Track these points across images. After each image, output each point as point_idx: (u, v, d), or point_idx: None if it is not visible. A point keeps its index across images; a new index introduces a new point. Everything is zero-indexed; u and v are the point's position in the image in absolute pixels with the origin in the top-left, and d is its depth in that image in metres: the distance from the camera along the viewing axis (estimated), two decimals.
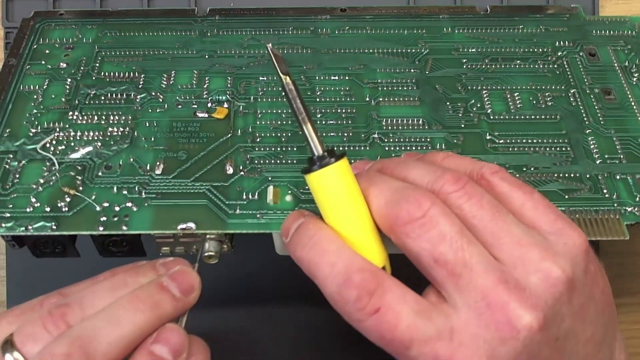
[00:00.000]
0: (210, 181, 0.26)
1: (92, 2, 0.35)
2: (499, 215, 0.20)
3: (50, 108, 0.28)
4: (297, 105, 0.22)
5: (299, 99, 0.22)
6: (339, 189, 0.21)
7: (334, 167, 0.21)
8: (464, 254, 0.19)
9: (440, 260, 0.19)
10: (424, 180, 0.21)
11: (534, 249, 0.19)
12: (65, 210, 0.25)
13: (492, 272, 0.19)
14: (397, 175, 0.22)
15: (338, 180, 0.21)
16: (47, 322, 0.19)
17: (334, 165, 0.21)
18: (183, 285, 0.21)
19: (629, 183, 0.26)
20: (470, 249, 0.19)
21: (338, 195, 0.21)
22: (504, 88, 0.30)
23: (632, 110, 0.29)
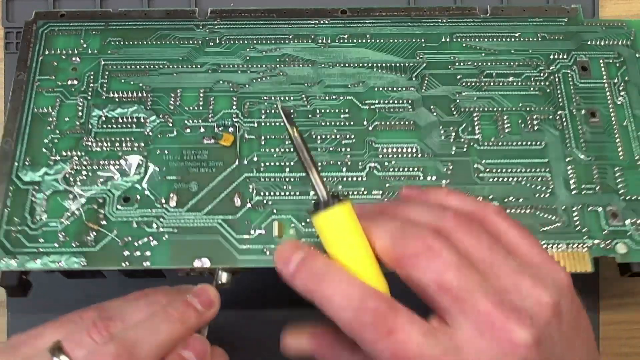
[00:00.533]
0: (221, 214, 0.28)
1: (92, 1, 0.35)
2: (495, 249, 0.23)
3: (66, 133, 0.30)
4: (304, 156, 0.24)
5: (305, 149, 0.24)
6: (345, 228, 0.23)
7: (339, 209, 0.23)
8: (467, 281, 0.21)
9: (445, 287, 0.21)
10: (425, 218, 0.23)
11: (527, 278, 0.22)
12: (91, 245, 0.28)
13: (492, 297, 0.21)
14: (399, 215, 0.24)
15: (343, 220, 0.23)
16: (93, 331, 0.23)
17: (339, 207, 0.23)
18: (204, 300, 0.25)
19: (599, 216, 0.29)
20: (472, 277, 0.22)
21: (343, 233, 0.23)
22: (495, 110, 0.31)
23: (613, 135, 0.31)
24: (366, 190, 0.29)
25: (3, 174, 0.29)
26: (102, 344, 0.23)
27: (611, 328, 0.33)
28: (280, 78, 0.32)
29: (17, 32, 0.34)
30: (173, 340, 0.24)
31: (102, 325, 0.23)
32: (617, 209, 0.29)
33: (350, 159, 0.30)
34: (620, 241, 0.28)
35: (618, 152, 0.30)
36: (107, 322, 0.23)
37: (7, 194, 0.28)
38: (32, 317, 0.29)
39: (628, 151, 0.30)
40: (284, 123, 0.24)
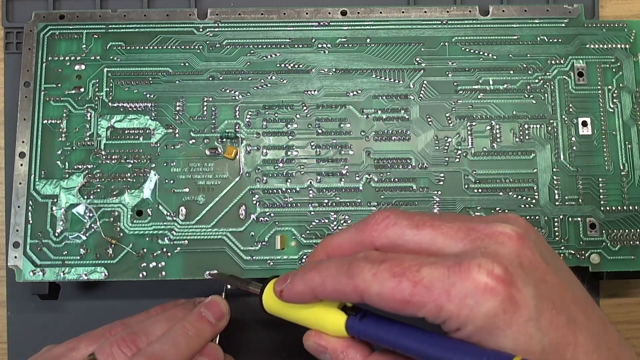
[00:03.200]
0: (227, 227, 0.31)
1: (92, 1, 0.34)
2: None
3: (77, 145, 0.32)
4: (243, 288, 0.28)
5: (240, 283, 0.28)
6: None
7: (267, 288, 0.26)
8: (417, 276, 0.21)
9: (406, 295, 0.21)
10: None
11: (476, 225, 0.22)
12: (111, 257, 0.30)
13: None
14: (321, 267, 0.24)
15: None
16: (122, 345, 0.27)
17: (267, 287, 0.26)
18: (216, 312, 0.28)
19: (579, 227, 0.31)
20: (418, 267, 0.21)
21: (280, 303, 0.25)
22: (489, 117, 0.32)
23: (602, 145, 0.32)
24: (362, 201, 0.31)
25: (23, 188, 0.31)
26: (132, 357, 0.26)
27: None
28: (280, 86, 0.32)
29: (17, 32, 0.34)
30: (192, 351, 0.27)
31: (129, 339, 0.26)
32: (596, 220, 0.31)
33: (348, 169, 0.32)
34: (595, 252, 0.31)
35: (604, 162, 0.32)
36: (133, 337, 0.27)
37: (27, 208, 0.31)
38: (32, 317, 0.33)
39: (614, 161, 0.32)
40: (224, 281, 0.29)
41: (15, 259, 0.30)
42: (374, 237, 0.23)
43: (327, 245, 0.25)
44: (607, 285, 0.34)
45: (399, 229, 0.23)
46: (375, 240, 0.23)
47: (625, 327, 0.34)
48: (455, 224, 0.22)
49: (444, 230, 0.22)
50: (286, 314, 0.25)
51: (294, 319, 0.25)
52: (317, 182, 0.31)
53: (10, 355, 0.33)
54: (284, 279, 0.25)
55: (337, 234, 0.25)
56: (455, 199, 0.31)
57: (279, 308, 0.26)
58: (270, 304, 0.26)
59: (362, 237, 0.23)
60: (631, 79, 0.33)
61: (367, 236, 0.23)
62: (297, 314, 0.25)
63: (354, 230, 0.24)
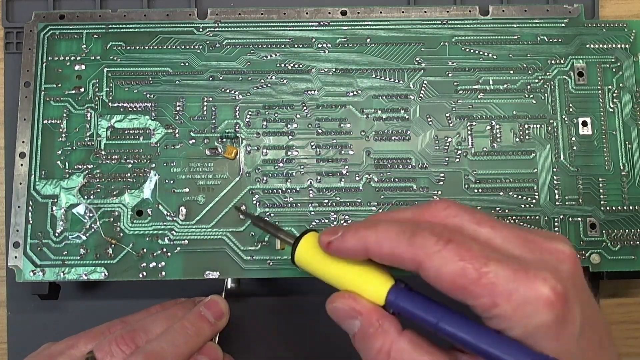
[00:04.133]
0: (227, 227, 0.31)
1: (92, 1, 0.34)
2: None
3: (77, 145, 0.32)
4: (272, 231, 0.27)
5: (270, 226, 0.27)
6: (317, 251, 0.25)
7: (305, 239, 0.25)
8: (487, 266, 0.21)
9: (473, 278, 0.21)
10: None
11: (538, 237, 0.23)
12: (111, 257, 0.30)
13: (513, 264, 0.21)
14: None
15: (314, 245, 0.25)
16: (120, 342, 0.27)
17: (305, 238, 0.25)
18: (216, 312, 0.28)
19: (579, 227, 0.31)
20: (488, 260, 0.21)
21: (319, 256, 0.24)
22: (489, 117, 0.32)
23: (602, 145, 0.32)
24: (362, 201, 0.31)
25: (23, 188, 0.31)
26: (130, 355, 0.26)
27: (611, 328, 0.33)
28: (280, 86, 0.32)
29: (17, 32, 0.34)
30: (191, 350, 0.27)
31: (128, 337, 0.26)
32: (596, 220, 0.31)
33: (348, 169, 0.32)
34: (595, 252, 0.31)
35: (604, 162, 0.32)
36: (132, 335, 0.27)
37: (27, 208, 0.31)
38: (32, 317, 0.33)
39: (615, 161, 0.32)
40: (252, 222, 0.29)
41: (16, 259, 0.30)
42: (432, 224, 0.23)
43: (378, 218, 0.24)
44: (607, 285, 0.34)
45: (459, 221, 0.23)
46: None
47: (625, 327, 0.34)
48: (514, 231, 0.23)
49: (504, 233, 0.22)
50: (320, 269, 0.24)
51: (327, 275, 0.24)
52: (317, 182, 0.31)
53: (10, 355, 0.33)
54: (333, 231, 0.24)
55: (390, 212, 0.24)
56: (456, 199, 0.31)
57: (313, 261, 0.24)
58: (304, 256, 0.25)
59: (419, 221, 0.23)
60: (631, 79, 0.33)
61: (424, 221, 0.23)
62: (334, 270, 0.24)
63: (411, 213, 0.24)
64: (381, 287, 0.23)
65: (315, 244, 0.25)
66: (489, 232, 0.22)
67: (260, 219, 0.28)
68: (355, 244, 0.23)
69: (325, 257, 0.24)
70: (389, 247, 0.22)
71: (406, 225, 0.23)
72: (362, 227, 0.23)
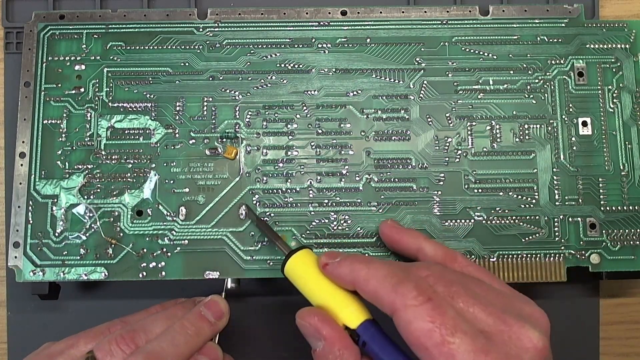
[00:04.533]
0: (227, 226, 0.31)
1: (92, 1, 0.34)
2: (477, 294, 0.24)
3: (77, 145, 0.32)
4: (269, 234, 0.29)
5: (268, 229, 0.29)
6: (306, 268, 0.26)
7: (299, 254, 0.27)
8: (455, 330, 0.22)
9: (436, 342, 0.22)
10: None
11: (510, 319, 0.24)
12: (111, 257, 0.30)
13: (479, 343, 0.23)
14: None
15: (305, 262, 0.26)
16: (120, 342, 0.27)
17: (299, 253, 0.27)
18: (216, 312, 0.28)
19: (579, 227, 0.31)
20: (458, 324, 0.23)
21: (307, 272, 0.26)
22: (489, 117, 0.32)
23: (602, 145, 0.32)
24: (362, 201, 0.31)
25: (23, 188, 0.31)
26: (130, 355, 0.26)
27: (611, 328, 0.34)
28: (280, 86, 0.32)
29: (17, 32, 0.34)
30: (191, 350, 0.27)
31: (128, 337, 0.26)
32: (596, 220, 0.31)
33: (348, 169, 0.32)
34: (595, 252, 0.31)
35: (604, 162, 0.32)
36: (132, 334, 0.27)
37: (27, 208, 0.31)
38: (32, 317, 0.33)
39: (614, 161, 0.32)
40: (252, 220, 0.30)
41: (16, 259, 0.30)
42: (421, 277, 0.24)
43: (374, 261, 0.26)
44: (607, 285, 0.34)
45: (456, 278, 0.24)
46: None
47: (625, 327, 0.34)
48: (498, 304, 0.23)
49: (487, 308, 0.23)
50: (306, 284, 0.26)
51: (312, 291, 0.26)
52: (317, 182, 0.31)
53: (10, 355, 0.33)
54: (333, 255, 0.26)
55: (372, 266, 0.25)
56: (456, 199, 0.31)
57: (301, 276, 0.26)
58: (295, 269, 0.26)
59: (411, 271, 0.24)
60: (631, 79, 0.33)
61: (416, 272, 0.24)
62: (320, 288, 0.25)
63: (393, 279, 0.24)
64: (359, 315, 0.25)
65: (307, 261, 0.27)
66: (471, 301, 0.23)
67: (263, 223, 0.29)
68: (348, 274, 0.25)
69: (314, 275, 0.26)
70: (374, 286, 0.24)
71: (397, 271, 0.24)
72: (357, 261, 0.25)
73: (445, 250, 0.28)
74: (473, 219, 0.31)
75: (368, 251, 0.31)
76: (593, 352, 0.34)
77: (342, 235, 0.31)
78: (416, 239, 0.28)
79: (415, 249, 0.28)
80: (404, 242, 0.29)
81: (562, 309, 0.34)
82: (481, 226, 0.31)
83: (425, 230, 0.31)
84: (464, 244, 0.31)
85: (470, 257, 0.31)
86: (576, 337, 0.34)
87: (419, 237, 0.29)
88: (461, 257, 0.27)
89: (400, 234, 0.29)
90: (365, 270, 0.25)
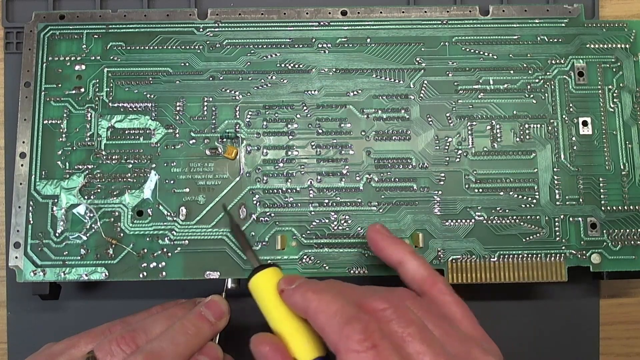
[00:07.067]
0: (227, 226, 0.31)
1: (92, 1, 0.34)
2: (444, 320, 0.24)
3: (78, 145, 0.31)
4: (241, 241, 0.29)
5: (241, 236, 0.29)
6: (267, 289, 0.26)
7: (265, 272, 0.26)
8: None
9: None
10: None
11: (475, 347, 0.24)
12: (111, 257, 0.30)
13: None
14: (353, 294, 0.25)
15: (268, 280, 0.26)
16: (121, 342, 0.27)
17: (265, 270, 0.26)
18: (216, 312, 0.28)
19: (579, 227, 0.31)
20: None
21: (267, 293, 0.26)
22: (489, 117, 0.32)
23: (602, 145, 0.32)
24: (362, 201, 0.31)
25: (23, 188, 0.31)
26: (130, 355, 0.26)
27: (611, 328, 0.34)
28: (280, 86, 0.32)
29: (17, 32, 0.34)
30: (191, 350, 0.27)
31: (129, 337, 0.26)
32: (597, 220, 0.31)
33: (349, 169, 0.32)
34: (595, 252, 0.31)
35: (605, 162, 0.32)
36: (132, 334, 0.27)
37: (28, 208, 0.31)
38: (32, 317, 0.33)
39: (615, 161, 0.32)
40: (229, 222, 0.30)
41: (16, 259, 0.30)
42: (373, 318, 0.23)
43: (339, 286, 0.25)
44: (608, 285, 0.34)
45: (413, 318, 0.23)
46: None
47: (625, 327, 0.34)
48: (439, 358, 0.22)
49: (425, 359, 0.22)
50: (267, 305, 0.25)
51: (271, 313, 0.25)
52: (317, 182, 0.31)
53: (10, 355, 0.33)
54: (291, 281, 0.25)
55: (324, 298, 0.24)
56: (456, 199, 0.31)
57: (263, 296, 0.26)
58: (259, 285, 0.26)
59: (368, 308, 0.23)
60: (631, 79, 0.33)
61: (371, 311, 0.23)
62: (278, 313, 0.25)
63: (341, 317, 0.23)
64: (311, 350, 0.24)
65: (270, 282, 0.26)
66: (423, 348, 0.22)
67: (239, 229, 0.29)
68: (300, 303, 0.24)
69: (273, 299, 0.25)
70: (322, 322, 0.23)
71: (348, 308, 0.23)
72: (311, 290, 0.24)
73: (428, 272, 0.26)
74: (474, 219, 0.31)
75: (369, 251, 0.31)
76: (593, 352, 0.34)
77: (343, 235, 0.31)
78: (400, 251, 0.27)
79: (397, 262, 0.27)
80: (387, 252, 0.28)
81: (562, 309, 0.34)
82: (482, 226, 0.31)
83: (426, 230, 0.31)
84: (465, 243, 0.31)
85: (471, 256, 0.31)
86: (576, 337, 0.34)
87: (404, 250, 0.27)
88: (442, 283, 0.26)
89: (384, 242, 0.28)
90: (316, 302, 0.23)
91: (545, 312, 0.34)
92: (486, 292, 0.34)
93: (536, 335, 0.34)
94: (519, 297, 0.34)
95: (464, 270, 0.31)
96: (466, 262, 0.31)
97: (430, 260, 0.31)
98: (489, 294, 0.34)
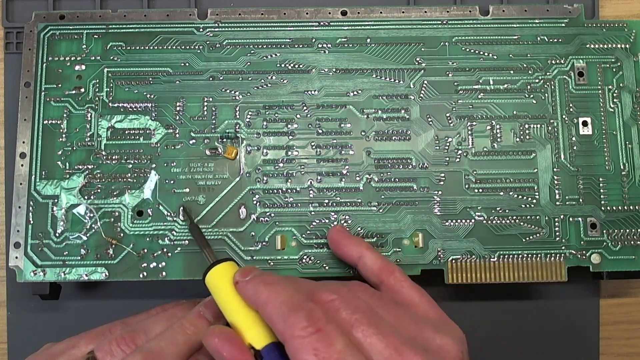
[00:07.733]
0: (228, 226, 0.31)
1: (92, 1, 0.34)
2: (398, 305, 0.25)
3: (78, 145, 0.32)
4: (198, 240, 0.29)
5: (198, 234, 0.29)
6: (222, 283, 0.26)
7: (219, 267, 0.26)
8: None
9: None
10: None
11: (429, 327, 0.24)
12: (111, 257, 0.30)
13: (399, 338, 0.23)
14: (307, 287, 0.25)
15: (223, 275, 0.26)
16: (121, 343, 0.27)
17: (220, 265, 0.26)
18: (215, 312, 0.28)
19: (579, 227, 0.31)
20: None
21: (222, 287, 0.26)
22: (489, 117, 0.32)
23: (602, 145, 0.32)
24: (362, 201, 0.31)
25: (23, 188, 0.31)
26: (130, 354, 0.26)
27: (611, 328, 0.34)
28: (280, 86, 0.32)
29: (17, 32, 0.34)
30: (190, 349, 0.27)
31: (128, 337, 0.26)
32: (597, 220, 0.31)
33: (349, 170, 0.32)
34: (595, 252, 0.31)
35: (605, 162, 0.32)
36: (132, 335, 0.27)
37: (28, 208, 0.31)
38: (32, 317, 0.33)
39: (615, 161, 0.32)
40: (186, 220, 0.30)
41: (16, 260, 0.30)
42: (320, 305, 0.23)
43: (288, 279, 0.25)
44: (608, 285, 0.34)
45: (362, 304, 0.23)
46: None
47: (625, 327, 0.34)
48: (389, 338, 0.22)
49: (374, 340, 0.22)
50: (222, 298, 0.25)
51: (225, 305, 0.25)
52: (317, 182, 0.31)
53: (10, 355, 0.33)
54: (245, 273, 0.25)
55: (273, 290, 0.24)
56: (456, 199, 0.31)
57: (218, 290, 0.26)
58: (214, 280, 0.26)
59: (317, 296, 0.23)
60: (631, 79, 0.33)
61: (320, 298, 0.23)
62: (233, 304, 0.25)
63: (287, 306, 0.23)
64: (265, 336, 0.24)
65: (226, 275, 0.26)
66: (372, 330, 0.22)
67: (196, 227, 0.29)
68: (251, 295, 0.24)
69: (228, 291, 0.25)
70: (270, 313, 0.23)
71: (296, 297, 0.23)
72: (263, 282, 0.24)
73: (384, 264, 0.27)
74: (474, 219, 0.31)
75: None
76: (593, 352, 0.34)
77: None
78: (359, 247, 0.28)
79: (356, 258, 0.28)
80: (348, 250, 0.29)
81: (562, 309, 0.34)
82: (482, 226, 0.31)
83: (426, 230, 0.31)
84: (465, 243, 0.31)
85: (470, 257, 0.31)
86: (576, 337, 0.34)
87: (362, 245, 0.28)
88: (399, 272, 0.27)
89: (345, 240, 0.29)
90: (266, 293, 0.24)
91: (545, 312, 0.34)
92: (486, 292, 0.34)
93: (536, 335, 0.34)
94: (519, 297, 0.34)
95: (464, 270, 0.31)
96: (466, 262, 0.31)
97: (430, 260, 0.31)
98: (489, 294, 0.34)
